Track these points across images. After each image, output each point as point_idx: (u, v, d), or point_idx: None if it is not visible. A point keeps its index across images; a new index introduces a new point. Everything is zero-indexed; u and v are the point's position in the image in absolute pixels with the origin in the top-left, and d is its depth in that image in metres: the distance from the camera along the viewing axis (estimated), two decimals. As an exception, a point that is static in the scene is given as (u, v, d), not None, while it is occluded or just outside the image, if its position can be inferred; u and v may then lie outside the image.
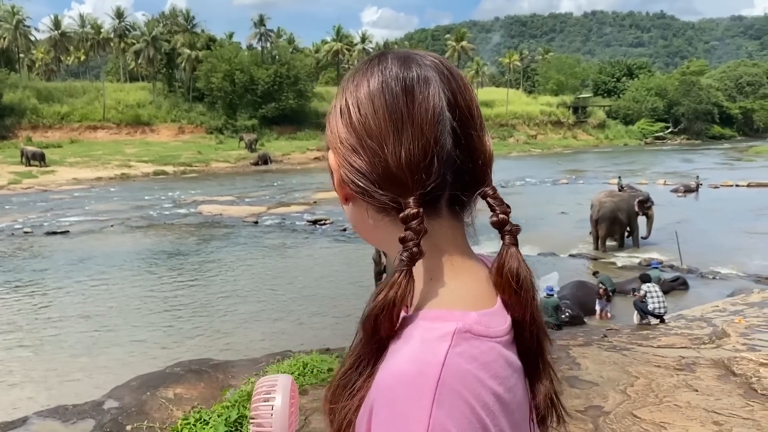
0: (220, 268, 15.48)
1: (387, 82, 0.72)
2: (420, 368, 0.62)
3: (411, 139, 0.69)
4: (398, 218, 0.70)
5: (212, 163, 46.12)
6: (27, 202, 28.21)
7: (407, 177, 0.70)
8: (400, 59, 0.74)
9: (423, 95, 0.71)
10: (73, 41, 69.09)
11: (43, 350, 9.60)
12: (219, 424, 4.42)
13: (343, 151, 0.74)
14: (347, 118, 0.73)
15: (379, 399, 0.63)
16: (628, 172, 36.31)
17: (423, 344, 0.64)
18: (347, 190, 0.75)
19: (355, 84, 0.75)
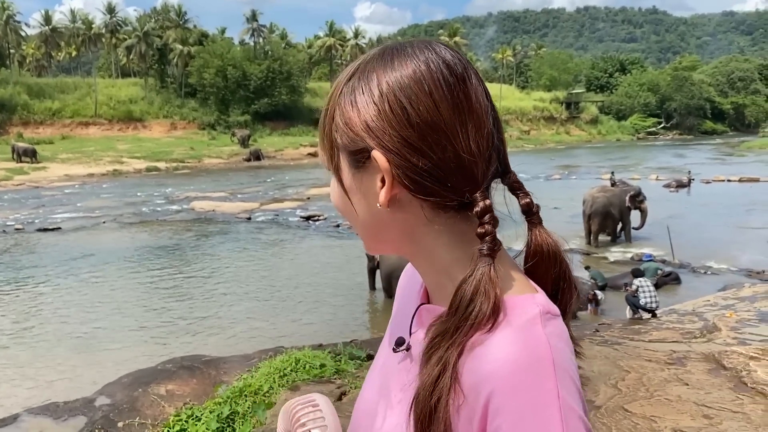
0: (212, 264, 15.44)
1: (439, 72, 0.69)
2: (533, 352, 0.63)
3: (475, 129, 0.69)
4: (459, 215, 0.70)
5: (205, 159, 45.98)
6: (18, 198, 28.05)
7: (476, 169, 0.69)
8: (435, 47, 0.72)
9: (473, 83, 0.71)
10: (64, 37, 68.79)
11: (34, 347, 9.56)
12: (211, 420, 4.42)
13: (399, 150, 0.67)
14: (400, 114, 0.68)
15: (501, 388, 0.62)
16: (620, 167, 36.43)
17: (519, 330, 0.65)
18: (399, 191, 0.69)
19: (390, 76, 0.69)
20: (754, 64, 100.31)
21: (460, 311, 0.66)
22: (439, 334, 0.67)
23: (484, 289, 0.66)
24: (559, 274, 0.74)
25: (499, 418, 0.61)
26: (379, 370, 0.83)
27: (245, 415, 4.44)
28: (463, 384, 0.64)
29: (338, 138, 0.72)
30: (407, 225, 0.72)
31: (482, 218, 0.69)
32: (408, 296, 0.86)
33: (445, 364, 0.65)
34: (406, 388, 0.73)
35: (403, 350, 0.77)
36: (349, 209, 0.75)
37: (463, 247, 0.71)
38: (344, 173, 0.73)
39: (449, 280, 0.72)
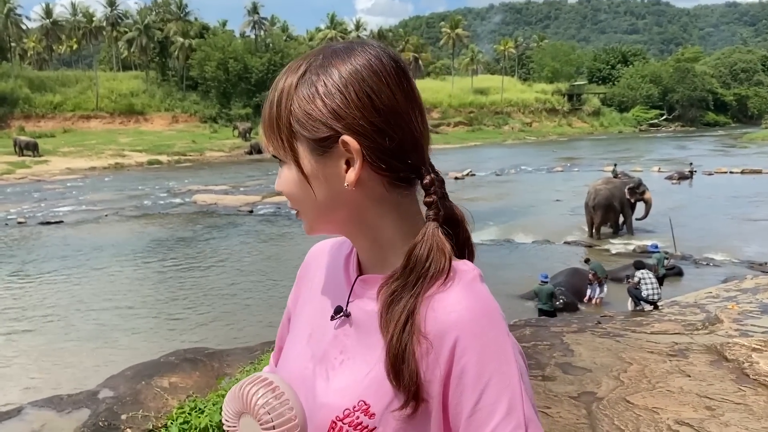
0: (214, 257, 15.46)
1: (389, 65, 0.78)
2: (486, 304, 0.76)
3: (420, 115, 0.80)
4: (407, 192, 0.81)
5: (206, 152, 45.97)
6: (20, 192, 28.08)
7: (425, 147, 0.81)
8: (375, 45, 0.81)
9: (410, 75, 0.81)
10: (65, 30, 68.53)
11: (36, 340, 9.59)
12: (214, 412, 4.43)
13: (368, 133, 0.76)
14: (366, 101, 0.76)
15: (465, 333, 0.73)
16: (622, 159, 36.36)
17: (469, 286, 0.77)
18: (364, 171, 0.77)
19: (349, 69, 0.77)
20: (757, 55, 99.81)
21: (417, 267, 0.77)
22: (399, 287, 0.77)
23: (437, 246, 0.77)
24: (464, 240, 0.86)
25: (465, 357, 0.73)
26: (308, 340, 0.89)
27: (248, 407, 4.45)
28: (428, 332, 0.74)
29: (299, 128, 0.78)
30: (360, 203, 0.80)
31: (429, 189, 0.80)
32: (332, 272, 0.93)
33: (409, 313, 0.75)
34: (350, 349, 0.83)
35: (341, 317, 0.85)
36: (305, 194, 0.81)
37: (409, 221, 0.82)
38: (304, 160, 0.79)
39: (392, 251, 0.82)
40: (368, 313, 0.82)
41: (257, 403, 0.79)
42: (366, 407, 0.77)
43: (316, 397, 0.82)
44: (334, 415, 0.79)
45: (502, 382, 0.73)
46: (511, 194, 25.02)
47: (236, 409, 0.82)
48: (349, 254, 0.92)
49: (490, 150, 50.95)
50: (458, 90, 74.82)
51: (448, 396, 0.74)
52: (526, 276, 12.15)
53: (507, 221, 18.39)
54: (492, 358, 0.74)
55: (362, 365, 0.80)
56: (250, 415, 0.80)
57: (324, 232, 0.87)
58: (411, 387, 0.74)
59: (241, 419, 0.82)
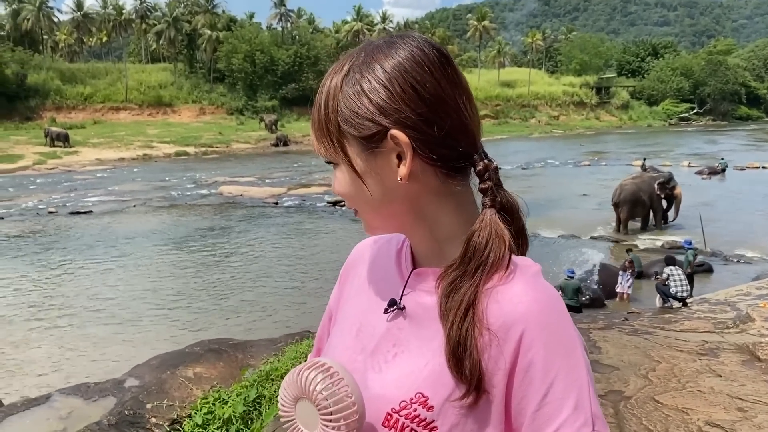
0: (240, 248, 15.57)
1: (432, 54, 0.78)
2: (552, 299, 0.76)
3: (468, 101, 0.80)
4: (462, 181, 0.81)
5: (233, 144, 46.29)
6: (51, 182, 28.58)
7: (476, 134, 0.81)
8: (416, 36, 0.81)
9: (455, 63, 0.81)
10: (96, 22, 69.53)
11: (65, 328, 9.75)
12: (238, 403, 4.45)
13: (416, 124, 0.76)
14: (411, 92, 0.76)
15: (532, 327, 0.73)
16: (651, 153, 35.80)
17: (533, 280, 0.77)
18: (414, 164, 0.77)
19: (392, 62, 0.77)
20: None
21: (477, 255, 0.76)
22: (459, 276, 0.77)
23: (496, 233, 0.77)
24: (518, 229, 0.83)
25: (532, 351, 0.73)
26: (356, 334, 0.89)
27: (271, 398, 4.46)
28: (491, 323, 0.74)
29: (347, 128, 0.78)
30: (417, 196, 0.80)
31: (483, 175, 0.79)
32: (381, 266, 0.93)
33: (469, 302, 0.75)
34: (403, 342, 0.82)
35: (394, 310, 0.85)
36: (361, 193, 0.81)
37: (465, 211, 0.82)
38: (355, 159, 0.79)
39: (449, 243, 0.81)
40: (424, 305, 0.82)
41: (316, 388, 0.78)
42: (424, 399, 0.76)
43: (369, 389, 0.81)
44: (390, 407, 0.78)
45: (570, 377, 0.73)
46: (537, 188, 24.77)
47: (294, 394, 0.81)
48: (401, 249, 0.91)
49: (516, 143, 50.47)
50: (485, 83, 74.23)
51: (512, 389, 0.74)
52: (551, 271, 12.03)
53: (533, 215, 17.91)
54: (560, 353, 0.74)
55: (418, 358, 0.79)
56: (308, 400, 0.79)
57: (383, 230, 0.87)
58: (473, 377, 0.74)
59: (298, 404, 0.81)
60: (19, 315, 10.39)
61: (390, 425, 0.78)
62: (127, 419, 4.70)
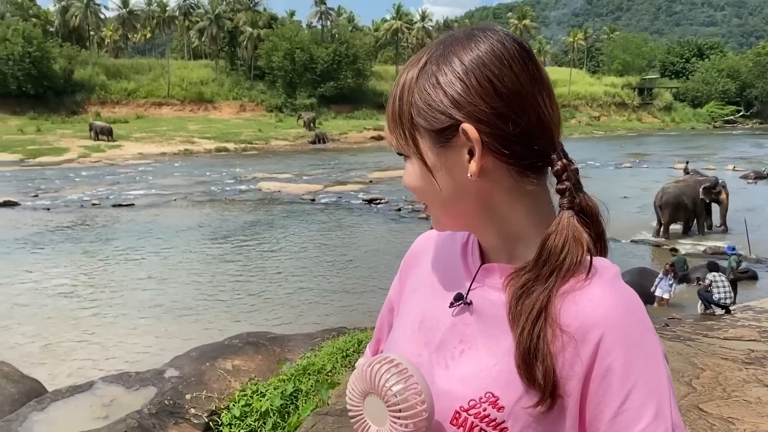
0: (278, 243, 15.72)
1: (513, 48, 0.76)
2: (633, 303, 0.74)
3: (548, 97, 0.77)
4: (538, 179, 0.78)
5: (272, 140, 46.72)
6: (95, 175, 29.27)
7: (554, 132, 0.78)
8: (497, 30, 0.79)
9: (536, 58, 0.79)
10: (140, 19, 71.03)
11: (108, 318, 9.97)
12: (275, 396, 4.49)
13: (490, 120, 0.74)
14: (488, 86, 0.74)
15: (611, 331, 0.71)
16: (695, 156, 34.98)
17: (612, 282, 0.75)
18: (486, 160, 0.75)
19: (470, 55, 0.75)
20: None
21: (552, 258, 0.74)
22: (531, 279, 0.74)
23: (574, 236, 0.74)
24: (598, 234, 0.81)
25: (610, 357, 0.70)
26: (419, 327, 0.87)
27: (308, 393, 4.49)
28: (567, 326, 0.72)
29: (420, 120, 0.77)
30: (489, 194, 0.78)
31: (561, 176, 0.77)
32: (446, 260, 0.91)
33: (542, 307, 0.73)
34: (471, 338, 0.81)
35: (460, 305, 0.83)
36: (430, 187, 0.79)
37: (540, 211, 0.79)
38: (426, 153, 0.78)
39: (521, 242, 0.79)
40: (492, 302, 0.80)
41: (385, 385, 0.77)
42: (494, 400, 0.75)
43: (435, 385, 0.80)
44: (458, 405, 0.77)
45: (650, 384, 0.71)
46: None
47: (362, 389, 0.81)
48: (466, 242, 0.89)
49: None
50: (524, 82, 73.35)
51: (587, 394, 0.72)
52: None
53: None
54: (640, 359, 0.71)
55: (488, 356, 0.78)
56: (377, 396, 0.79)
57: (451, 227, 0.85)
58: (547, 384, 0.71)
59: (366, 399, 0.81)
60: (64, 304, 10.68)
61: (459, 424, 0.76)
62: (167, 409, 4.78)
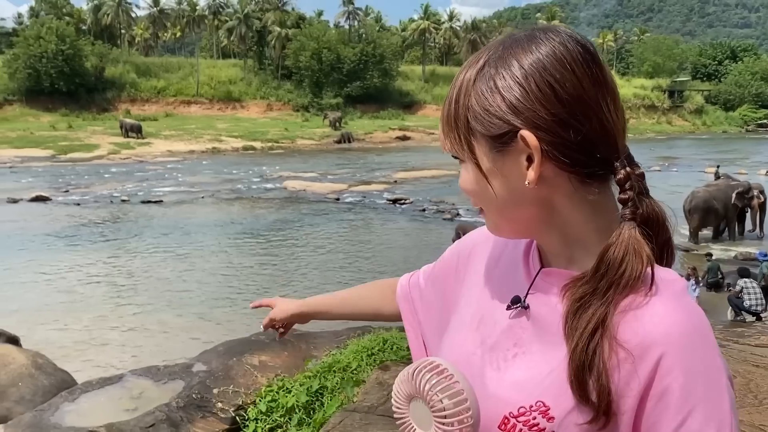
0: (302, 241, 15.82)
1: (576, 51, 0.73)
2: (699, 321, 0.70)
3: (613, 103, 0.74)
4: (600, 186, 0.74)
5: (298, 140, 47.01)
6: (124, 171, 29.74)
7: (618, 139, 0.74)
8: (560, 31, 0.76)
9: (603, 61, 0.75)
10: (171, 18, 72.01)
11: (138, 311, 10.14)
12: (301, 393, 4.52)
13: (550, 126, 0.71)
14: (548, 91, 0.71)
15: (673, 350, 0.67)
16: (726, 160, 34.35)
17: (677, 298, 0.71)
18: (545, 168, 0.72)
19: (530, 59, 0.73)
20: None
21: (610, 272, 0.70)
22: (588, 293, 0.71)
23: (634, 249, 0.70)
24: (663, 242, 0.78)
25: (670, 377, 0.67)
26: (477, 326, 0.86)
27: (334, 390, 4.52)
28: (626, 342, 0.69)
29: (476, 125, 0.75)
30: (547, 201, 0.75)
31: (624, 185, 0.74)
32: (507, 259, 0.90)
33: (598, 322, 0.70)
34: (525, 343, 0.79)
35: (518, 308, 0.81)
36: (486, 193, 0.77)
37: (603, 219, 0.76)
38: (482, 158, 0.76)
39: (581, 249, 0.77)
40: (550, 309, 0.78)
41: (431, 390, 0.76)
42: (545, 409, 0.73)
43: (486, 387, 0.79)
44: (508, 410, 0.75)
45: (711, 409, 0.67)
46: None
47: (407, 392, 0.80)
48: (530, 243, 0.87)
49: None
50: (552, 83, 72.79)
51: (642, 413, 0.69)
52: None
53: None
54: (702, 381, 0.68)
55: (541, 363, 0.76)
56: (422, 401, 0.78)
57: (509, 233, 0.83)
58: (601, 402, 0.69)
59: (411, 403, 0.80)
60: (95, 298, 10.88)
61: (507, 429, 0.75)
62: (195, 403, 4.84)
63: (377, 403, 3.61)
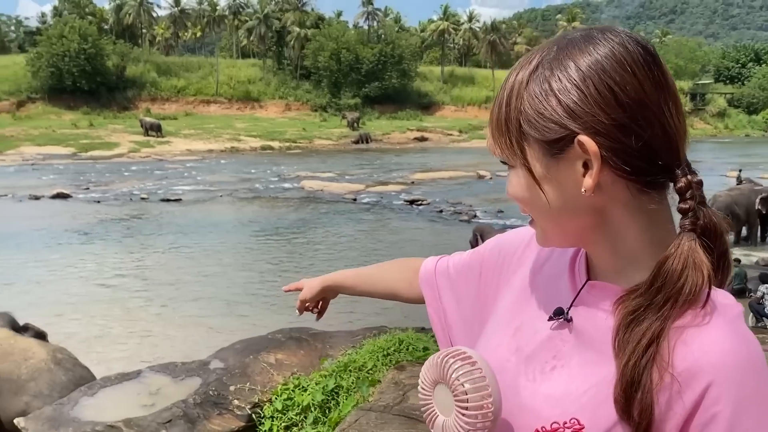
0: (319, 241, 15.87)
1: (636, 52, 0.70)
2: (753, 351, 0.67)
3: (675, 106, 0.71)
4: (657, 195, 0.71)
5: (315, 140, 47.16)
6: (144, 169, 30.03)
7: (681, 145, 0.71)
8: (618, 31, 0.73)
9: (662, 63, 0.73)
10: (191, 18, 72.53)
11: (156, 309, 10.24)
12: (316, 392, 4.54)
13: (610, 132, 0.68)
14: (608, 95, 0.68)
15: (723, 380, 0.64)
16: (749, 165, 33.89)
17: (733, 325, 0.68)
18: (605, 175, 0.69)
19: (588, 60, 0.70)
20: None
21: (668, 285, 0.67)
22: (643, 306, 0.68)
23: (694, 262, 0.67)
24: (721, 253, 0.74)
25: (717, 407, 0.64)
26: (514, 332, 0.84)
27: (349, 389, 4.53)
28: (675, 366, 0.66)
29: (529, 129, 0.72)
30: (602, 210, 0.72)
31: (685, 194, 0.70)
32: (551, 267, 0.87)
33: (653, 338, 0.67)
34: (564, 356, 0.77)
35: (560, 319, 0.79)
36: (538, 200, 0.74)
37: (657, 231, 0.73)
38: (534, 163, 0.73)
39: (632, 263, 0.73)
40: (595, 324, 0.75)
41: (455, 377, 0.77)
42: (579, 427, 0.71)
43: (520, 397, 0.78)
44: (540, 424, 0.74)
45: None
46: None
47: (433, 378, 0.82)
48: (576, 252, 0.84)
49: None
50: (571, 86, 72.31)
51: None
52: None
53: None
54: (752, 415, 0.64)
55: (580, 380, 0.73)
56: (446, 386, 0.79)
57: (559, 243, 0.80)
58: (641, 421, 0.66)
59: (436, 388, 0.81)
60: (114, 294, 11.00)
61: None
62: (211, 399, 4.88)
63: (393, 403, 3.62)
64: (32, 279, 11.66)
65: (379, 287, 1.28)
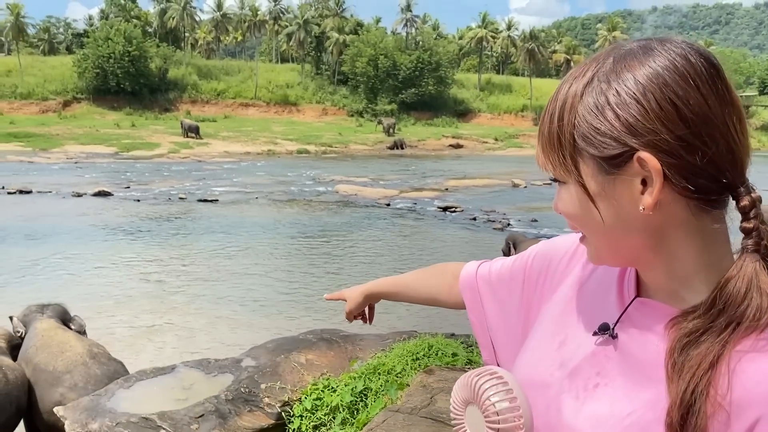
0: (352, 244, 15.96)
1: (699, 64, 0.67)
2: None
3: (739, 121, 0.67)
4: (717, 215, 0.68)
5: (351, 144, 47.37)
6: (183, 170, 30.57)
7: (746, 162, 0.68)
8: (678, 41, 0.70)
9: (725, 75, 0.69)
10: (233, 22, 73.74)
11: (192, 306, 10.41)
12: (345, 393, 4.59)
13: (672, 148, 0.64)
14: (670, 110, 0.64)
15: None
16: (793, 180, 33.03)
17: None
18: (665, 193, 0.66)
19: (649, 73, 0.66)
20: None
21: (729, 308, 0.64)
22: (701, 329, 0.65)
23: (758, 285, 0.64)
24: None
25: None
26: (558, 346, 0.82)
27: (378, 392, 4.57)
28: (722, 396, 0.62)
29: (584, 144, 0.69)
30: (659, 229, 0.69)
31: (749, 213, 0.67)
32: (598, 280, 0.84)
33: (713, 362, 0.63)
34: (609, 374, 0.74)
35: (606, 335, 0.76)
36: (591, 218, 0.72)
37: (714, 252, 0.70)
38: (590, 180, 0.70)
39: (686, 285, 0.70)
40: (641, 344, 0.72)
41: (486, 396, 0.77)
42: None
43: (562, 414, 0.76)
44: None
45: None
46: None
47: (465, 397, 0.82)
48: (626, 267, 0.81)
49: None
50: (610, 96, 71.35)
51: None
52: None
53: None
54: None
55: (624, 401, 0.70)
56: (477, 407, 0.79)
57: (613, 262, 0.77)
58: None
59: (468, 408, 0.81)
60: (152, 290, 11.24)
61: None
62: (243, 396, 4.97)
63: (420, 405, 3.65)
64: (73, 273, 11.99)
65: (419, 293, 1.30)
